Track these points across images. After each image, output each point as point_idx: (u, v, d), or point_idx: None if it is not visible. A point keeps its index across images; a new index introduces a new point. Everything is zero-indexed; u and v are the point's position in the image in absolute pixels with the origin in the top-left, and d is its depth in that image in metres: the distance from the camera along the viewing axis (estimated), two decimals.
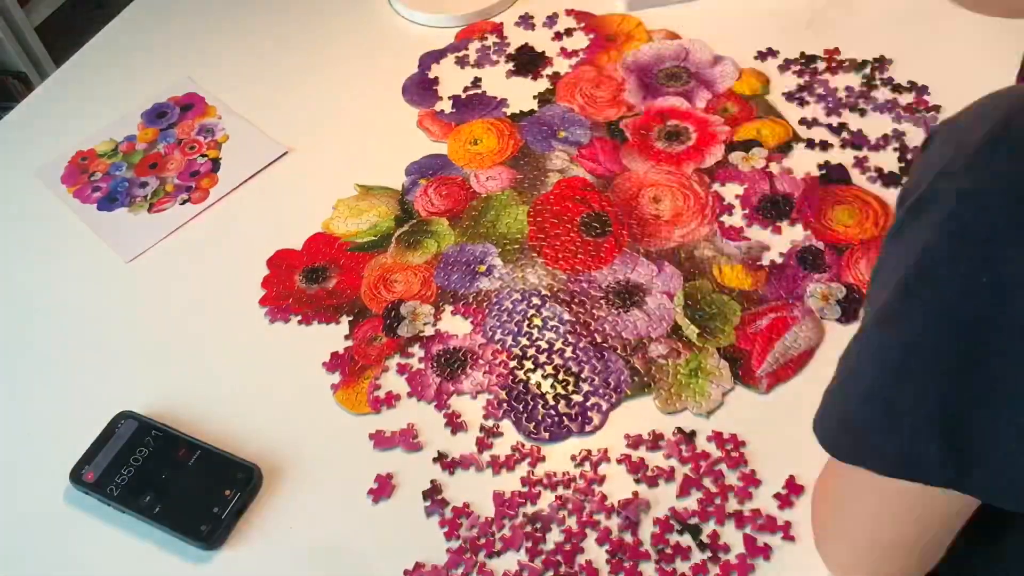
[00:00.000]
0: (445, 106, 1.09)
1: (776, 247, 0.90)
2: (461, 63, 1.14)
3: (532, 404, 0.81)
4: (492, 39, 1.16)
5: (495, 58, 1.14)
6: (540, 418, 0.81)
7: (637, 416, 0.80)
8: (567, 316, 0.87)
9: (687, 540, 0.73)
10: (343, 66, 1.17)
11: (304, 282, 0.94)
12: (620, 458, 0.77)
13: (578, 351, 0.84)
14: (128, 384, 0.88)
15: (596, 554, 0.73)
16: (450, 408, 0.82)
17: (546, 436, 0.79)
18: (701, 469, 0.76)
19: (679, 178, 0.96)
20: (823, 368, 0.82)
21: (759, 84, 1.05)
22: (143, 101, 1.15)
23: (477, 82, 1.11)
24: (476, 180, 1.00)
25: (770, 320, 0.84)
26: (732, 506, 0.74)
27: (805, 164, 0.96)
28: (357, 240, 0.97)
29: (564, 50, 1.13)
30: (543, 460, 0.78)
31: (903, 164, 0.95)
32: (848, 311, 0.84)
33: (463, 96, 1.10)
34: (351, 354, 0.87)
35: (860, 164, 0.95)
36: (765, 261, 0.89)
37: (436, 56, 1.15)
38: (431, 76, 1.13)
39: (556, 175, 0.99)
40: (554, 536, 0.74)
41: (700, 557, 0.72)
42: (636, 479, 0.76)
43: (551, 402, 0.81)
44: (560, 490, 0.76)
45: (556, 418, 0.80)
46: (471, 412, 0.82)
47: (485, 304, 0.89)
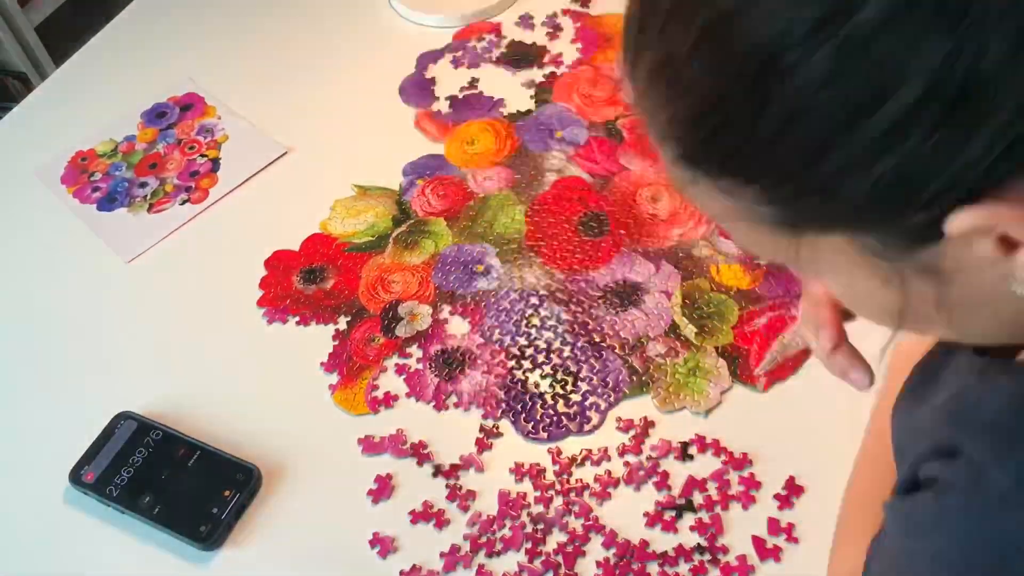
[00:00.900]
0: (442, 106, 1.09)
1: None
2: (456, 63, 1.14)
3: (530, 404, 0.82)
4: (490, 39, 1.16)
5: (493, 57, 1.14)
6: (538, 418, 0.81)
7: (635, 416, 0.80)
8: (565, 316, 0.87)
9: (688, 540, 0.73)
10: (343, 66, 1.17)
11: (302, 283, 0.94)
12: (622, 450, 0.78)
13: (576, 350, 0.85)
14: (128, 384, 0.88)
15: (599, 556, 0.73)
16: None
17: (544, 436, 0.80)
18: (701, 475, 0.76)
19: None
20: (821, 366, 0.82)
21: None
22: (143, 101, 1.15)
23: (474, 82, 1.11)
24: (473, 180, 1.00)
25: (768, 319, 0.84)
26: (734, 508, 0.74)
27: None
28: (354, 240, 0.97)
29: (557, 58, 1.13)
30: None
31: None
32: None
33: (460, 96, 1.10)
34: (349, 354, 0.87)
35: None
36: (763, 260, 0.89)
37: (433, 56, 1.16)
38: (428, 76, 1.13)
39: (554, 175, 0.99)
40: (557, 538, 0.74)
41: (700, 558, 0.72)
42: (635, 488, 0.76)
43: (549, 401, 0.82)
44: (572, 496, 0.76)
45: (554, 417, 0.81)
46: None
47: (483, 304, 0.89)
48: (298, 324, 0.90)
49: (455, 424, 0.82)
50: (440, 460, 0.79)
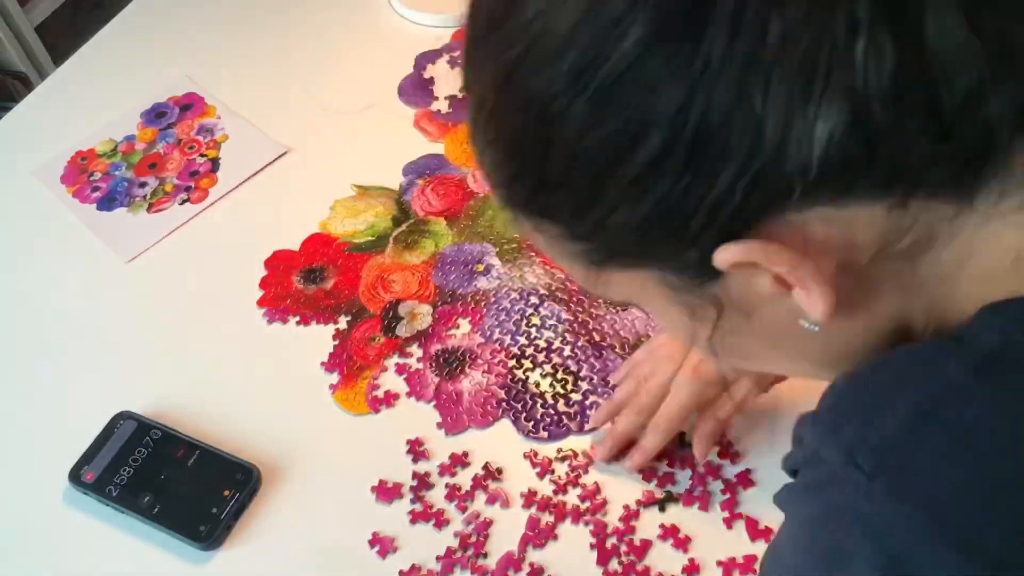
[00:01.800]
0: (442, 106, 1.09)
1: None
2: (453, 63, 1.14)
3: (531, 403, 0.82)
4: None
5: None
6: (539, 417, 0.81)
7: None
8: (565, 315, 0.87)
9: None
10: (342, 66, 1.17)
11: (302, 283, 0.94)
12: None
13: (576, 350, 0.85)
14: (127, 384, 0.88)
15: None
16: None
17: (545, 435, 0.80)
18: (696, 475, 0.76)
19: None
20: None
21: None
22: (142, 101, 1.15)
23: None
24: (474, 180, 1.00)
25: None
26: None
27: None
28: (355, 240, 0.97)
29: None
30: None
31: None
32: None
33: (460, 96, 1.10)
34: (349, 354, 0.87)
35: None
36: None
37: (432, 56, 1.15)
38: (427, 76, 1.13)
39: None
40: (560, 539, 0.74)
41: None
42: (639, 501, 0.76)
43: (550, 401, 0.82)
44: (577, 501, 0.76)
45: (555, 417, 0.80)
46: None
47: (483, 304, 0.89)
48: (298, 324, 0.90)
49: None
50: (440, 459, 0.79)
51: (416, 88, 1.12)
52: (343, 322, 0.90)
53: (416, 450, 0.80)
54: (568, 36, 0.35)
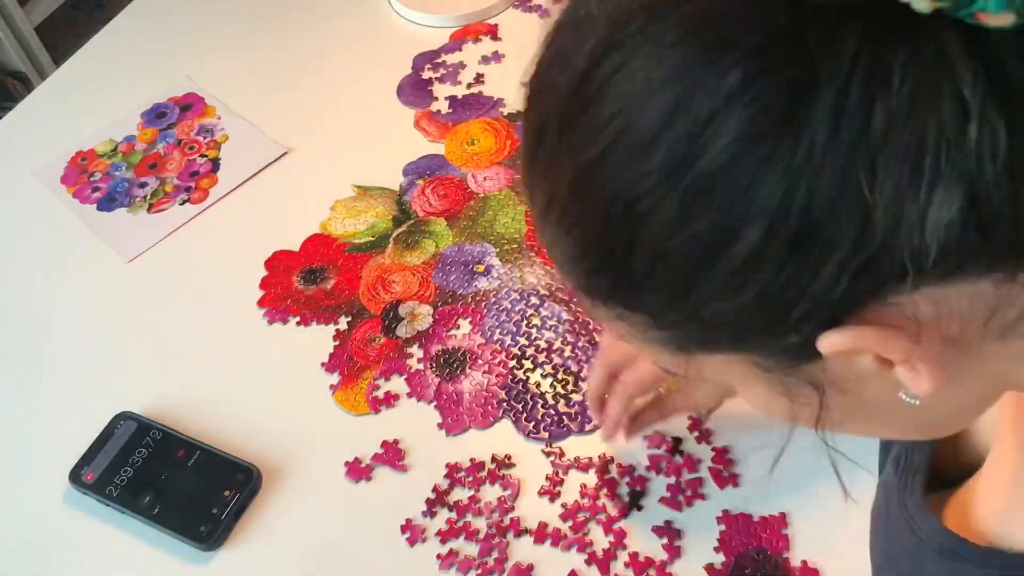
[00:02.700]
0: (442, 106, 1.09)
1: None
2: (448, 66, 1.14)
3: (531, 403, 0.82)
4: (486, 40, 1.17)
5: (490, 58, 1.14)
6: (540, 417, 0.81)
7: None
8: (566, 315, 0.87)
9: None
10: (342, 66, 1.17)
11: (302, 283, 0.94)
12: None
13: (577, 350, 0.85)
14: (128, 384, 0.88)
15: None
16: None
17: (545, 435, 0.80)
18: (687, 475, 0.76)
19: None
20: None
21: None
22: (143, 101, 1.15)
23: (479, 78, 1.11)
24: (474, 180, 1.00)
25: None
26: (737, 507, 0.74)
27: None
28: (355, 241, 0.97)
29: None
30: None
31: None
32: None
33: (460, 96, 1.10)
34: (350, 354, 0.87)
35: None
36: None
37: (430, 56, 1.15)
38: (425, 77, 1.13)
39: None
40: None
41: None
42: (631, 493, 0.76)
43: (551, 401, 0.81)
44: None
45: (556, 417, 0.80)
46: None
47: (484, 304, 0.89)
48: (299, 324, 0.90)
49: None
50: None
51: (415, 89, 1.12)
52: (343, 322, 0.90)
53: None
54: (655, 134, 0.33)
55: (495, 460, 0.78)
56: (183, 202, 1.04)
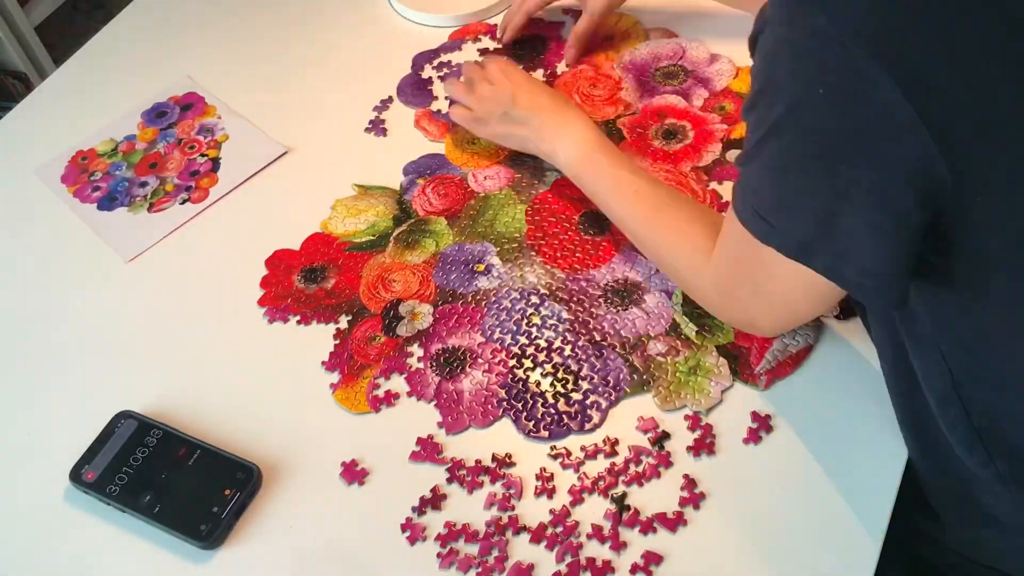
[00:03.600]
0: (442, 106, 1.09)
1: None
2: (450, 66, 1.14)
3: (531, 403, 0.82)
4: (486, 40, 1.17)
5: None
6: (540, 416, 0.81)
7: (636, 414, 0.80)
8: (566, 315, 0.87)
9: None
10: (343, 66, 1.17)
11: (302, 282, 0.94)
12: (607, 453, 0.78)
13: (577, 349, 0.85)
14: (128, 384, 0.88)
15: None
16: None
17: (545, 435, 0.80)
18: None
19: (677, 176, 0.96)
20: (822, 365, 0.82)
21: None
22: (143, 101, 1.15)
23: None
24: (474, 179, 1.00)
25: None
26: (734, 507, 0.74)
27: None
28: (355, 240, 0.97)
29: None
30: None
31: None
32: (846, 309, 0.85)
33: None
34: (350, 353, 0.87)
35: None
36: None
37: (429, 56, 1.16)
38: (425, 76, 1.13)
39: (554, 174, 0.99)
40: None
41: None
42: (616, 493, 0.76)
43: (550, 400, 0.82)
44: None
45: (555, 416, 0.81)
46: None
47: (484, 303, 0.89)
48: (299, 323, 0.90)
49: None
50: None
51: (415, 88, 1.12)
52: (344, 321, 0.90)
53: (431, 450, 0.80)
54: None
55: (495, 459, 0.78)
56: (183, 201, 1.04)
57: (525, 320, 0.87)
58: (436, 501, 0.77)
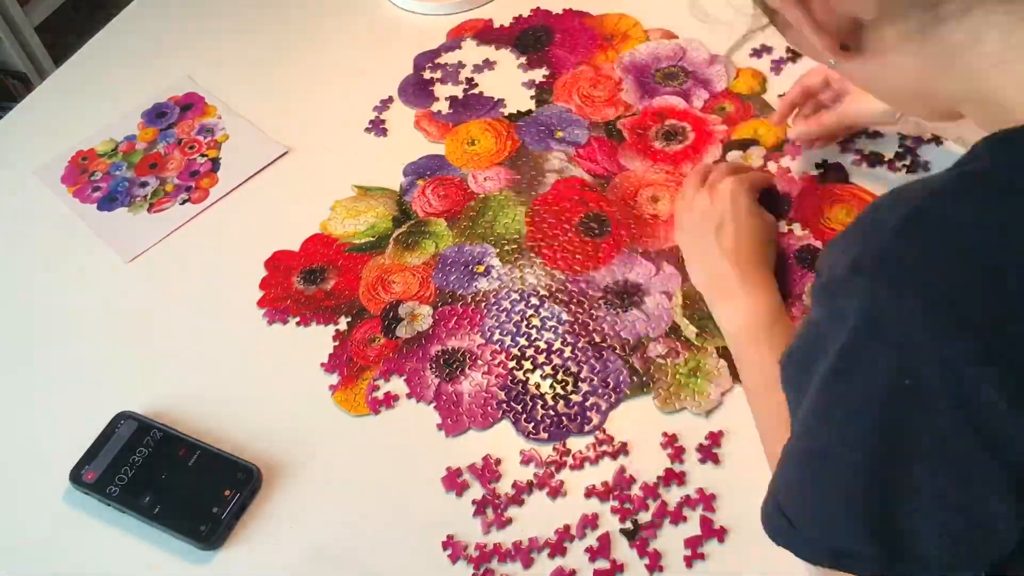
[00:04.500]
0: (442, 107, 1.09)
1: None
2: (449, 67, 1.14)
3: (531, 404, 0.82)
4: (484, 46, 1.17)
5: (491, 59, 1.14)
6: (539, 418, 0.81)
7: (636, 416, 0.80)
8: (566, 316, 0.87)
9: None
10: (343, 65, 1.17)
11: (302, 283, 0.94)
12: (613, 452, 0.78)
13: (577, 351, 0.85)
14: (128, 384, 0.88)
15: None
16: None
17: (545, 436, 0.80)
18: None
19: (677, 178, 0.96)
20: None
21: (756, 83, 1.05)
22: (143, 101, 1.15)
23: (472, 83, 1.11)
24: (474, 180, 1.00)
25: None
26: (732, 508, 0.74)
27: (803, 163, 0.96)
28: (355, 241, 0.97)
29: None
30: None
31: (903, 162, 0.94)
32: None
33: (460, 96, 1.10)
34: (349, 355, 0.87)
35: (858, 163, 0.95)
36: None
37: (430, 56, 1.16)
38: (426, 77, 1.13)
39: (554, 175, 0.99)
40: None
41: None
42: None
43: (550, 402, 0.82)
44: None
45: (555, 418, 0.81)
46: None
47: (483, 304, 0.89)
48: (298, 324, 0.90)
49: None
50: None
51: (416, 89, 1.12)
52: (343, 323, 0.90)
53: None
54: None
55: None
56: (183, 202, 1.04)
57: (525, 322, 0.87)
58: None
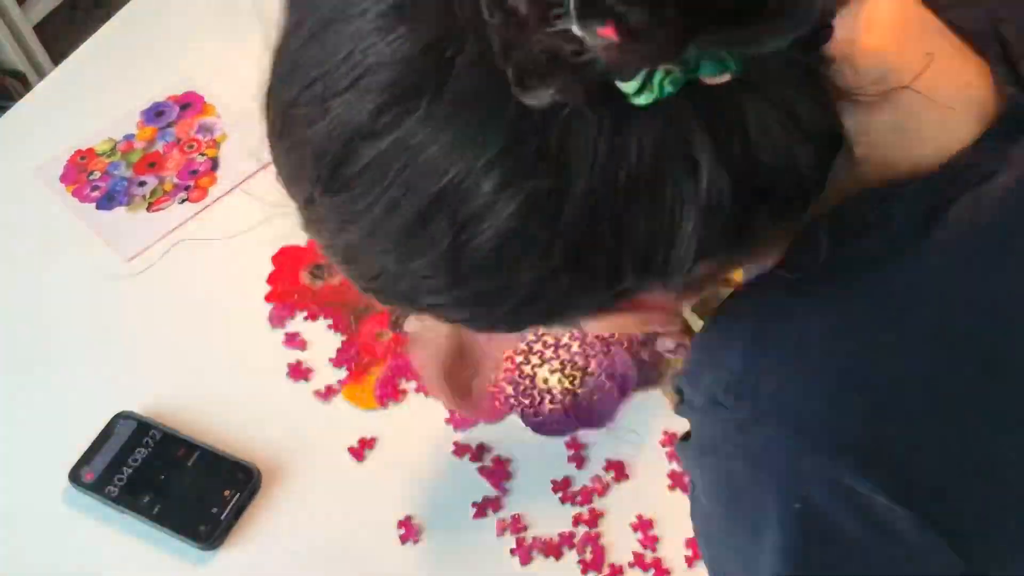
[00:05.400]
0: None
1: None
2: None
3: (539, 399, 0.81)
4: None
5: None
6: (547, 412, 0.80)
7: (644, 410, 0.80)
8: None
9: None
10: None
11: (310, 278, 0.93)
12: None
13: (585, 345, 0.84)
14: (128, 384, 0.87)
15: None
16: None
17: (553, 430, 0.79)
18: None
19: None
20: None
21: None
22: (142, 100, 1.14)
23: None
24: None
25: None
26: None
27: None
28: None
29: None
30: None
31: None
32: None
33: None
34: (357, 350, 0.86)
35: None
36: None
37: None
38: None
39: None
40: None
41: None
42: None
43: (558, 396, 0.81)
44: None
45: (563, 412, 0.80)
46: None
47: None
48: (306, 319, 0.89)
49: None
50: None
51: None
52: (351, 318, 0.89)
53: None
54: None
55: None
56: (182, 201, 1.03)
57: None
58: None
